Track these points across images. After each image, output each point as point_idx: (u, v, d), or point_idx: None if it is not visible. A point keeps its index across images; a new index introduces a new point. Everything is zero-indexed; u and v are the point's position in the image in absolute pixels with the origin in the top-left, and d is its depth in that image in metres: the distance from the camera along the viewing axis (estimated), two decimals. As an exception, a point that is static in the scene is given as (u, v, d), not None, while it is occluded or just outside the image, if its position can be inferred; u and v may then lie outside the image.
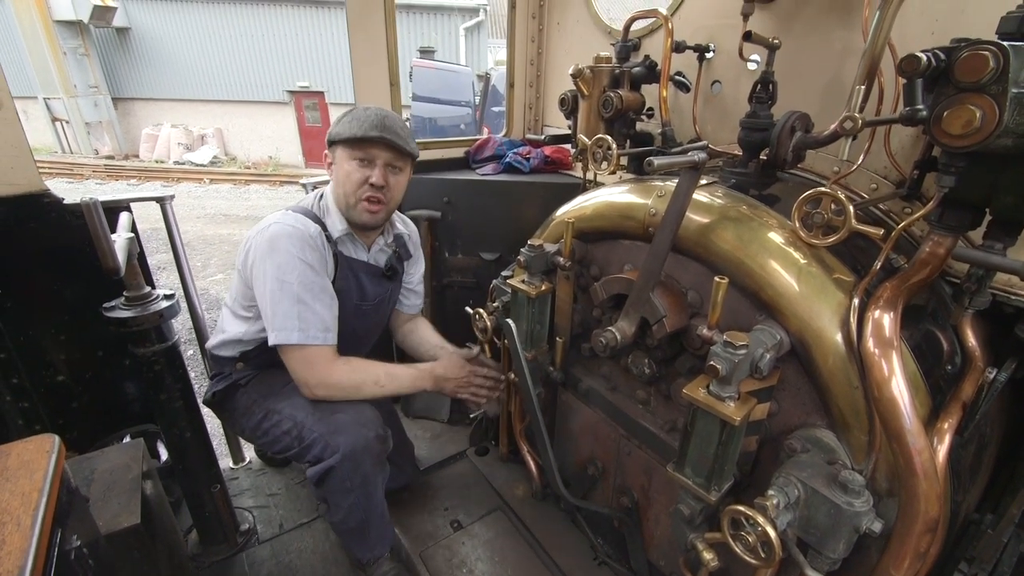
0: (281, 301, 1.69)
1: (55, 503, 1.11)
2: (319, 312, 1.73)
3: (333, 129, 1.79)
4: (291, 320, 1.69)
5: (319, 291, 1.74)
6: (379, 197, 1.80)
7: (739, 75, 1.90)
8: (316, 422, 1.75)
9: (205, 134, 16.92)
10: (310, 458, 1.75)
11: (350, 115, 1.77)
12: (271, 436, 1.83)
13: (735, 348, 1.13)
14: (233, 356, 1.94)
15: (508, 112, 3.01)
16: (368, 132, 1.71)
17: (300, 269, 1.69)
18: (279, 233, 1.71)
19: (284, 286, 1.68)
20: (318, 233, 1.78)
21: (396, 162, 1.82)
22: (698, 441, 1.26)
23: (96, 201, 1.37)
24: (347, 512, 1.81)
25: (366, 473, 1.76)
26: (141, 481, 1.69)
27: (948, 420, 1.13)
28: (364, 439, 1.73)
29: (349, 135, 1.72)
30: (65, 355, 2.15)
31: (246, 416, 1.89)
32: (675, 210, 1.31)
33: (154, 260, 7.66)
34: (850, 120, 1.13)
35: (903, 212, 1.53)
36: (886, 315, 1.11)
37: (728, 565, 1.51)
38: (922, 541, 1.05)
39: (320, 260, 1.77)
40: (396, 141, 1.75)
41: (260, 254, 1.72)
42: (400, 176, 1.86)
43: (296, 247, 1.70)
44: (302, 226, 1.75)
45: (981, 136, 0.99)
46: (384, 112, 1.78)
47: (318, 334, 1.72)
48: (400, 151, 1.79)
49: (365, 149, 1.75)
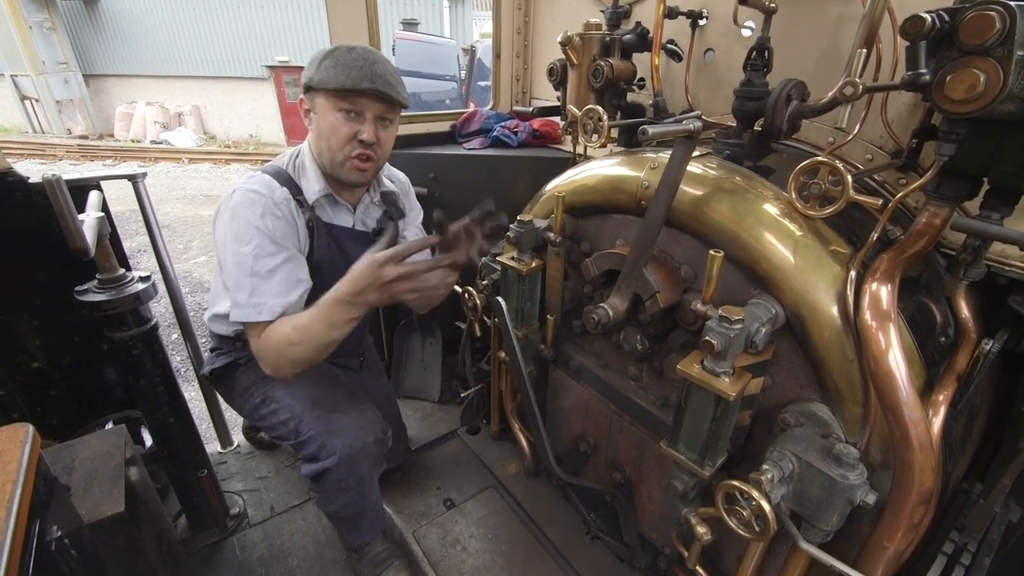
0: (233, 273, 1.53)
1: (31, 494, 1.07)
2: (275, 288, 1.54)
3: (312, 73, 1.54)
4: (243, 294, 1.52)
5: (279, 263, 1.55)
6: (369, 154, 1.62)
7: (733, 42, 1.84)
8: (314, 419, 1.68)
9: (182, 112, 16.37)
10: (305, 455, 1.70)
11: (332, 57, 1.52)
12: (268, 423, 1.78)
13: (731, 323, 1.11)
14: (230, 335, 1.83)
15: (495, 84, 2.92)
16: (359, 83, 1.50)
17: (258, 239, 1.52)
18: (240, 200, 1.54)
19: (238, 258, 1.52)
20: (284, 199, 1.59)
21: (387, 114, 1.62)
22: (692, 417, 1.25)
23: (59, 178, 1.29)
24: (341, 507, 1.79)
25: (362, 476, 1.73)
26: (124, 468, 1.65)
27: (943, 392, 1.13)
28: (363, 442, 1.68)
29: (336, 85, 1.50)
30: (40, 341, 2.08)
31: (244, 397, 1.83)
32: (669, 182, 1.27)
33: (134, 242, 7.47)
34: (850, 85, 1.09)
35: (898, 183, 1.50)
36: (883, 287, 1.09)
37: (720, 537, 1.52)
38: (916, 513, 1.05)
39: (285, 229, 1.58)
40: (389, 92, 1.55)
41: (223, 222, 1.57)
42: (391, 129, 1.67)
43: (256, 215, 1.53)
44: (267, 191, 1.57)
45: (984, 101, 0.96)
46: (373, 55, 1.55)
47: (273, 311, 1.53)
48: (392, 102, 1.60)
49: (353, 100, 1.54)
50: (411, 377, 3.00)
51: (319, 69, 1.53)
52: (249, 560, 2.05)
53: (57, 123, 15.70)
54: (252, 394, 1.81)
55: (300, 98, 1.64)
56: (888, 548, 1.11)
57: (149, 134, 15.74)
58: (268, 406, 1.76)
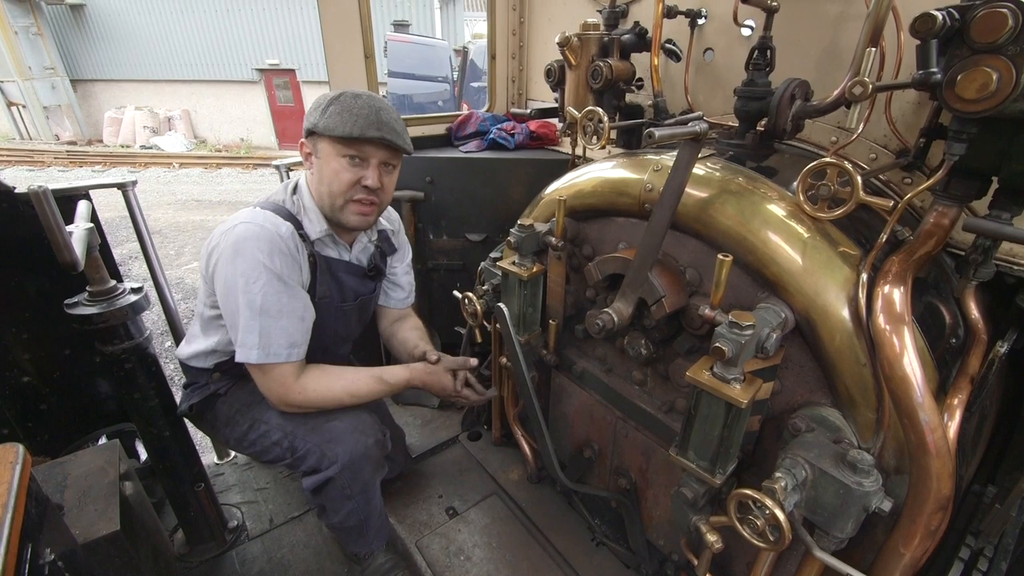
0: (244, 313, 1.52)
1: (22, 517, 1.04)
2: (284, 327, 1.56)
3: (317, 119, 1.55)
4: (252, 336, 1.53)
5: (286, 302, 1.56)
6: (373, 199, 1.64)
7: (732, 42, 1.82)
8: (309, 432, 1.66)
9: (172, 116, 16.24)
10: (305, 468, 1.67)
11: (338, 104, 1.53)
12: (259, 447, 1.73)
13: (741, 328, 1.08)
14: (208, 368, 1.78)
15: (490, 86, 2.90)
16: (366, 131, 1.51)
17: (266, 278, 1.51)
18: (245, 235, 1.51)
19: (250, 297, 1.51)
20: (290, 234, 1.58)
21: (391, 160, 1.65)
22: (702, 424, 1.23)
23: (47, 189, 1.25)
24: (345, 516, 1.75)
25: (366, 480, 1.71)
26: (119, 484, 1.61)
27: (958, 396, 1.11)
28: (363, 446, 1.66)
29: (343, 132, 1.51)
30: (30, 355, 2.03)
31: (229, 427, 1.78)
32: (675, 184, 1.25)
33: (124, 250, 7.39)
34: (859, 85, 1.07)
35: (903, 182, 1.49)
36: (896, 290, 1.07)
37: (729, 544, 1.50)
38: (934, 519, 1.03)
39: (291, 264, 1.58)
40: (396, 140, 1.57)
41: (224, 258, 1.53)
42: (393, 174, 1.70)
43: (264, 251, 1.51)
44: (271, 226, 1.54)
45: (997, 100, 0.95)
46: (379, 104, 1.57)
47: (280, 351, 1.57)
48: (397, 149, 1.62)
49: (359, 147, 1.56)
50: (410, 383, 2.96)
51: (324, 115, 1.54)
52: (249, 574, 2.01)
53: (45, 129, 15.54)
54: (238, 421, 1.76)
55: (301, 141, 1.65)
56: (905, 555, 1.09)
57: (139, 139, 15.62)
58: (257, 429, 1.72)
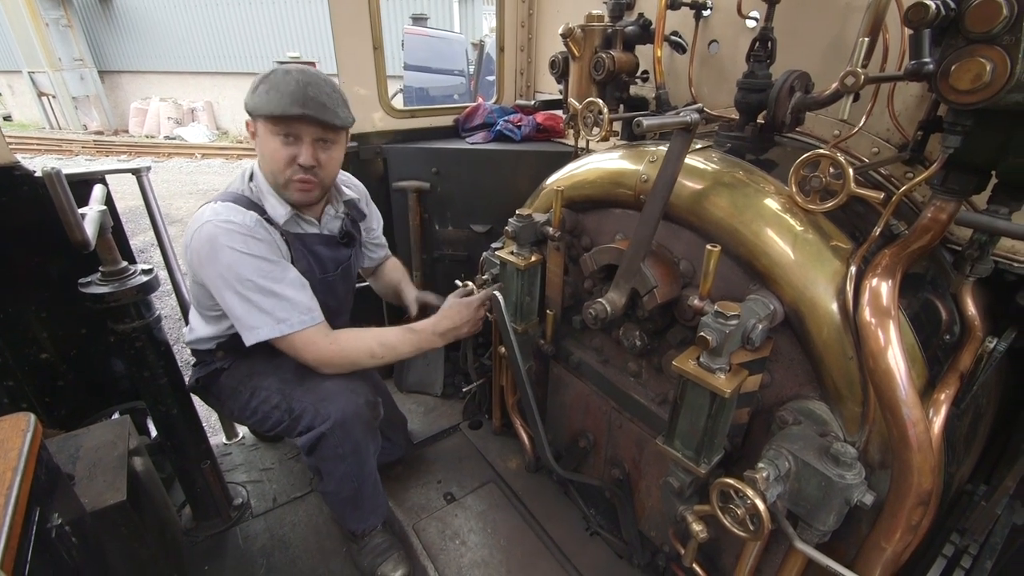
0: (246, 301, 1.59)
1: (31, 481, 1.09)
2: (292, 297, 1.64)
3: (249, 99, 1.56)
4: (263, 316, 1.60)
5: (282, 276, 1.64)
6: (309, 178, 1.65)
7: (738, 34, 1.80)
8: (304, 392, 1.72)
9: (195, 108, 16.54)
10: (301, 428, 1.72)
11: (267, 82, 1.54)
12: (260, 413, 1.80)
13: (726, 319, 1.09)
14: (212, 348, 1.88)
15: (498, 78, 2.90)
16: (289, 109, 1.51)
17: (253, 264, 1.58)
18: (214, 233, 1.56)
19: (244, 285, 1.57)
20: (255, 222, 1.62)
21: (326, 135, 1.63)
22: (688, 414, 1.23)
23: (59, 171, 1.31)
24: (340, 481, 1.80)
25: (357, 440, 1.75)
26: (128, 458, 1.68)
27: (945, 391, 1.10)
28: (354, 405, 1.71)
29: (268, 111, 1.52)
30: (48, 333, 2.11)
31: (233, 397, 1.85)
32: (666, 175, 1.25)
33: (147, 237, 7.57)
34: (851, 75, 1.06)
35: (904, 177, 1.47)
36: (884, 283, 1.06)
37: (718, 536, 1.51)
38: (914, 514, 1.03)
39: (269, 248, 1.63)
40: (321, 116, 1.55)
41: (204, 259, 1.58)
42: (332, 150, 1.68)
43: (239, 244, 1.56)
44: (238, 219, 1.59)
45: (991, 91, 0.93)
46: (307, 78, 1.55)
47: (301, 317, 1.65)
48: (329, 126, 1.60)
49: (289, 124, 1.56)
50: (414, 372, 3.01)
51: (254, 94, 1.56)
52: (251, 550, 2.07)
53: (73, 119, 15.95)
54: (240, 392, 1.83)
55: (246, 121, 1.66)
56: (886, 549, 1.09)
57: (163, 130, 15.94)
58: (258, 396, 1.79)
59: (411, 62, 7.99)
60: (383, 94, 2.53)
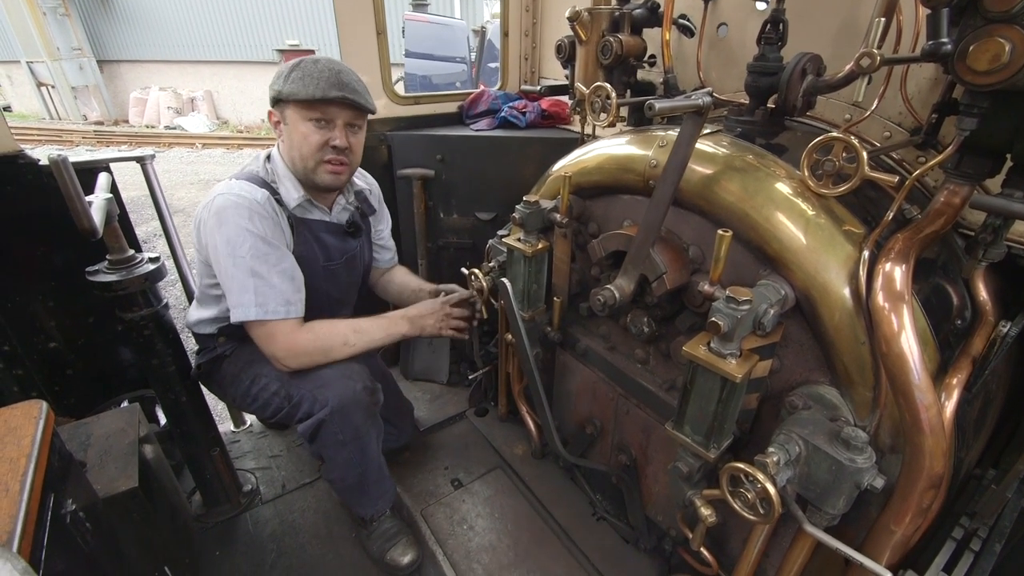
0: (235, 276, 1.61)
1: (45, 468, 1.10)
2: (276, 285, 1.64)
3: (281, 86, 1.62)
4: (247, 295, 1.62)
5: (275, 262, 1.65)
6: (342, 159, 1.71)
7: (747, 16, 1.78)
8: (303, 379, 1.73)
9: (195, 97, 16.43)
10: (300, 415, 1.74)
11: (299, 70, 1.61)
12: (261, 400, 1.81)
13: (738, 304, 1.08)
14: (213, 333, 1.90)
15: (503, 63, 2.87)
16: (328, 92, 1.58)
17: (251, 241, 1.60)
18: (224, 205, 1.61)
19: (237, 260, 1.60)
20: (266, 199, 1.66)
21: (356, 120, 1.72)
22: (698, 399, 1.24)
23: (65, 158, 1.30)
24: (343, 467, 1.82)
25: (357, 425, 1.76)
26: (139, 445, 1.69)
27: (957, 376, 1.10)
28: (352, 390, 1.72)
29: (306, 96, 1.59)
30: (56, 321, 2.12)
31: (234, 384, 1.87)
32: (677, 159, 1.24)
33: (150, 227, 7.57)
34: (867, 57, 1.04)
35: (917, 161, 1.46)
36: (897, 268, 1.06)
37: (725, 520, 1.52)
38: (925, 497, 1.03)
39: (272, 227, 1.66)
40: (357, 100, 1.64)
41: (209, 229, 1.63)
42: (360, 134, 1.77)
43: (244, 216, 1.60)
44: (248, 193, 1.63)
45: (1009, 72, 0.92)
46: (336, 66, 1.64)
47: (278, 308, 1.65)
48: (360, 109, 1.68)
49: (323, 109, 1.63)
50: (420, 360, 3.02)
51: (287, 82, 1.61)
52: (261, 535, 2.10)
53: (73, 109, 15.86)
54: (241, 379, 1.85)
55: (269, 111, 1.72)
56: (895, 532, 1.09)
57: (163, 119, 15.85)
58: (258, 383, 1.81)
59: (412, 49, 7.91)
60: (387, 80, 2.51)
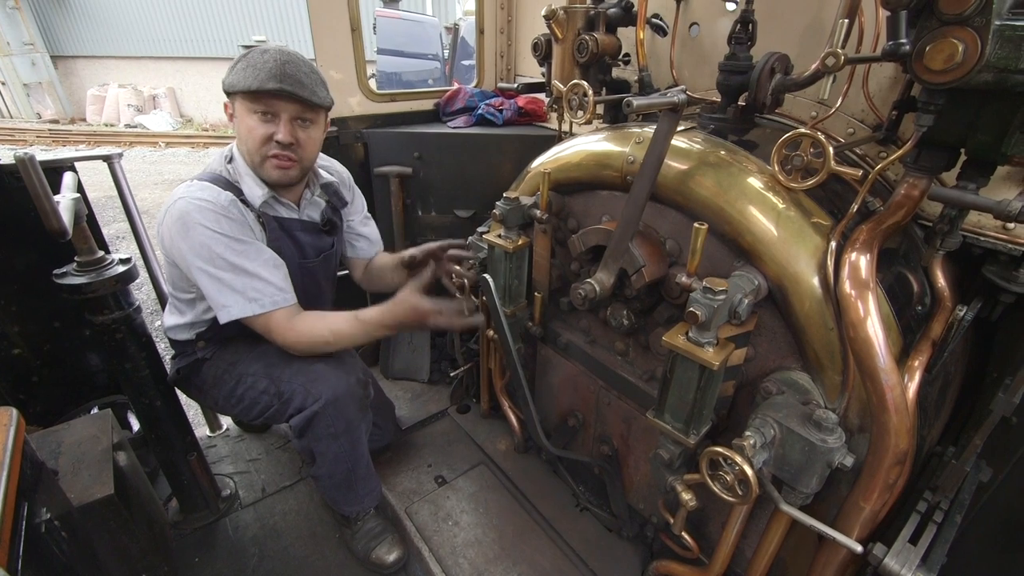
0: (217, 277, 1.56)
1: (17, 476, 1.07)
2: (266, 276, 1.61)
3: (227, 77, 1.55)
4: (234, 294, 1.57)
5: (255, 255, 1.61)
6: (288, 155, 1.62)
7: (718, 16, 1.83)
8: (294, 374, 1.71)
9: (156, 94, 15.87)
10: (291, 410, 1.71)
11: (245, 60, 1.54)
12: (247, 400, 1.78)
13: (714, 294, 1.12)
14: (191, 338, 1.83)
15: (478, 61, 2.88)
16: (265, 84, 1.49)
17: (223, 244, 1.55)
18: (187, 209, 1.53)
19: (216, 262, 1.55)
20: (230, 202, 1.60)
21: (305, 115, 1.61)
22: (677, 387, 1.27)
23: (33, 156, 1.26)
24: (333, 462, 1.80)
25: (350, 418, 1.75)
26: (112, 452, 1.65)
27: (918, 358, 1.17)
28: (346, 383, 1.71)
29: (244, 87, 1.50)
30: (19, 327, 2.04)
31: (217, 386, 1.82)
32: (654, 155, 1.28)
33: (111, 229, 7.31)
34: (832, 56, 1.09)
35: (879, 156, 1.53)
36: (862, 257, 1.11)
37: (705, 504, 1.57)
38: (891, 473, 1.09)
39: (241, 228, 1.60)
40: (299, 93, 1.53)
41: (176, 235, 1.55)
42: (312, 129, 1.66)
43: (209, 221, 1.54)
44: (212, 197, 1.56)
45: (963, 71, 0.97)
46: (285, 56, 1.53)
47: (275, 297, 1.62)
48: (305, 102, 1.57)
49: (267, 102, 1.54)
50: (400, 359, 3.01)
51: (232, 72, 1.55)
52: (242, 540, 2.06)
53: (26, 107, 15.14)
54: (225, 381, 1.80)
55: (224, 103, 1.65)
56: (864, 508, 1.15)
57: (123, 118, 15.26)
58: (244, 383, 1.77)
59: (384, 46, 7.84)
60: (362, 77, 2.49)
